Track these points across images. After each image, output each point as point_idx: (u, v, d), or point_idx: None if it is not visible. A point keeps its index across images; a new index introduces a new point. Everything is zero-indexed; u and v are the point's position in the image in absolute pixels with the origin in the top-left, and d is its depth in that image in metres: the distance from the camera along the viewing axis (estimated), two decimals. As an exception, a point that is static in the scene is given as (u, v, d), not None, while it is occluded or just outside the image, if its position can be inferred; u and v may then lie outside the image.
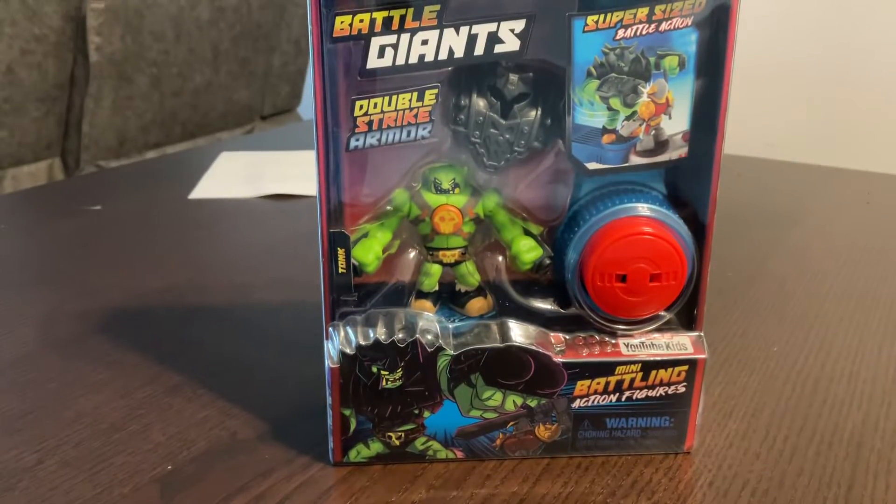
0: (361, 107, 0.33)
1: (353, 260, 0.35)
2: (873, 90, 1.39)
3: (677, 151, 0.34)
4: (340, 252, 0.35)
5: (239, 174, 0.82)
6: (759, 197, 0.77)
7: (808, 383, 0.44)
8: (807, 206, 0.74)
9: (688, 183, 0.35)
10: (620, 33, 0.32)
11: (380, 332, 0.35)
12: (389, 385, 0.35)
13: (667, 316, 0.36)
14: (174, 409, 0.41)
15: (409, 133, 0.33)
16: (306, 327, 0.46)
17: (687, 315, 0.37)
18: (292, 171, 0.80)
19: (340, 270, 0.35)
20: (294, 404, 0.41)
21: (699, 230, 0.35)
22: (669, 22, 0.32)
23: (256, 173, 0.81)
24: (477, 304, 0.37)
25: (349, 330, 0.35)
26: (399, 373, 0.35)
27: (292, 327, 0.49)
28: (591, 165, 0.34)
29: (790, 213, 0.72)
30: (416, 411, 0.36)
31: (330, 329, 0.36)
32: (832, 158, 0.97)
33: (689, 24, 0.32)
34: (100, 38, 1.69)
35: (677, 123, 0.34)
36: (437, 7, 0.31)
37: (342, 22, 0.31)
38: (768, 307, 0.53)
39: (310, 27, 0.31)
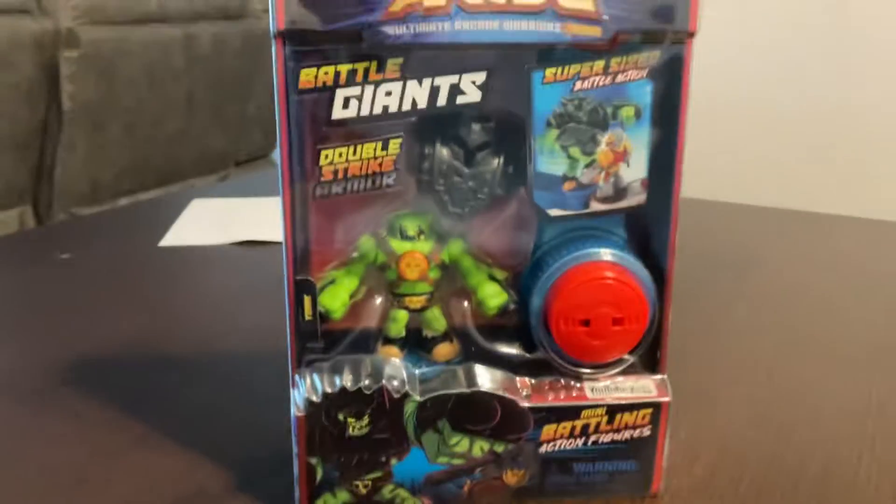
0: (327, 156, 0.33)
1: (319, 307, 0.35)
2: (833, 128, 1.42)
3: (636, 198, 0.35)
4: (307, 299, 0.35)
5: (210, 221, 0.82)
6: (717, 241, 0.78)
7: (772, 426, 0.44)
8: (769, 250, 0.76)
9: (647, 228, 0.36)
10: (578, 85, 0.33)
11: (346, 380, 0.35)
12: (356, 433, 0.35)
13: (631, 359, 0.37)
14: (139, 462, 0.40)
15: (374, 182, 0.34)
16: (274, 376, 0.46)
17: (650, 358, 0.37)
18: (263, 218, 0.81)
19: (307, 318, 0.35)
20: (261, 456, 0.40)
21: (660, 274, 0.36)
22: (625, 74, 0.33)
23: (227, 220, 0.81)
24: (444, 350, 0.37)
25: (315, 377, 0.35)
26: (366, 420, 0.35)
27: (260, 376, 0.49)
28: (553, 212, 0.35)
29: (749, 257, 0.73)
30: (384, 459, 0.36)
31: (296, 377, 0.36)
32: (789, 201, 0.99)
33: (644, 75, 0.34)
34: (73, 87, 1.69)
35: (635, 171, 0.35)
36: (401, 60, 0.32)
37: (307, 74, 0.32)
38: (732, 348, 0.54)
39: (275, 79, 0.32)
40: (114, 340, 0.54)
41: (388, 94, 0.33)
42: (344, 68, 0.32)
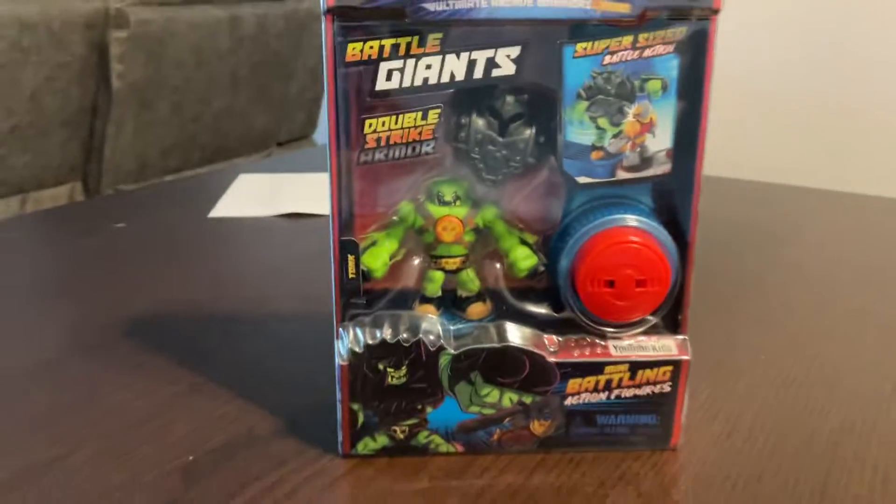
0: (371, 125, 0.36)
1: (362, 266, 0.38)
2: (863, 111, 1.41)
3: (661, 167, 0.37)
4: (350, 258, 0.38)
5: (256, 195, 0.85)
6: (756, 217, 0.79)
7: (791, 388, 0.46)
8: (802, 227, 0.77)
9: (672, 197, 0.38)
10: (607, 59, 0.36)
11: (386, 333, 0.38)
12: (395, 382, 0.38)
13: (653, 320, 0.39)
14: (195, 406, 0.44)
15: (414, 149, 0.37)
16: (318, 334, 0.49)
17: (672, 320, 0.39)
18: (308, 192, 0.84)
19: (350, 276, 0.38)
20: (307, 403, 0.44)
21: (683, 241, 0.38)
22: (652, 49, 0.35)
23: (273, 194, 0.85)
24: (477, 309, 0.40)
25: (358, 330, 0.38)
26: (404, 370, 0.38)
27: (305, 333, 0.52)
28: (582, 179, 0.37)
29: (786, 233, 0.74)
30: (420, 407, 0.39)
31: (340, 329, 0.39)
32: (826, 182, 0.99)
33: (671, 50, 0.36)
34: (122, 66, 1.75)
35: (661, 142, 0.37)
36: (440, 35, 0.35)
37: (354, 48, 0.35)
38: (759, 318, 0.56)
39: (324, 53, 0.35)
40: (167, 301, 0.58)
41: (429, 67, 0.35)
42: (387, 42, 0.35)
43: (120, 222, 0.77)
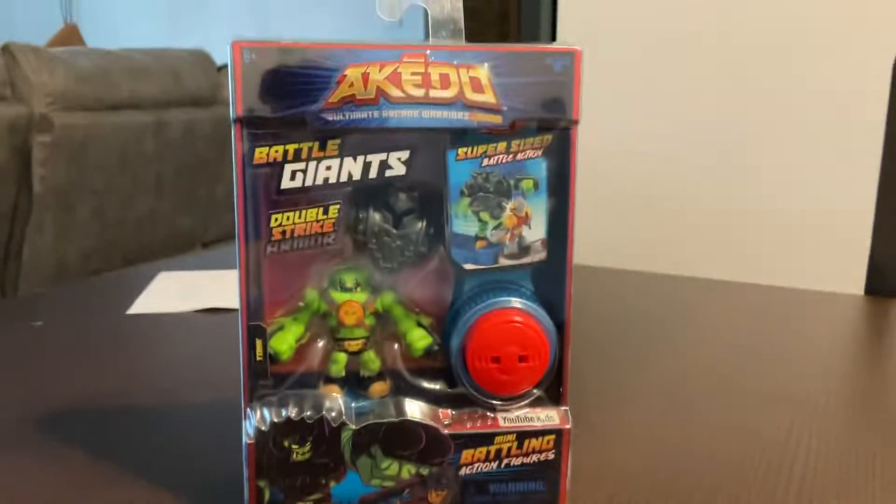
0: (277, 219, 0.40)
1: (269, 349, 0.41)
2: (743, 203, 1.53)
3: (538, 255, 0.42)
4: (258, 342, 0.41)
5: (175, 291, 0.87)
6: (646, 305, 0.86)
7: (670, 458, 0.50)
8: (688, 313, 0.83)
9: (548, 281, 0.43)
10: (486, 161, 0.41)
11: (291, 411, 0.41)
12: (299, 458, 0.41)
13: (537, 393, 0.43)
14: (106, 496, 0.45)
15: (317, 241, 0.41)
16: (228, 418, 0.51)
17: (555, 392, 0.43)
18: (226, 287, 0.86)
19: (258, 358, 0.41)
20: (215, 484, 0.45)
21: (560, 320, 0.43)
22: (524, 153, 0.41)
23: (192, 290, 0.87)
24: (379, 387, 0.43)
25: (264, 410, 0.41)
26: (308, 447, 0.41)
27: (215, 419, 0.54)
28: (468, 266, 0.42)
29: (674, 319, 0.80)
30: (324, 482, 0.41)
31: (248, 410, 0.41)
32: (711, 271, 1.07)
33: (540, 154, 0.41)
34: (44, 170, 1.75)
35: (536, 233, 0.42)
36: (339, 140, 0.40)
37: (261, 152, 0.39)
38: (646, 395, 0.60)
39: (234, 155, 0.39)
40: (84, 395, 0.59)
41: (328, 168, 0.40)
42: (291, 147, 0.39)
43: (37, 321, 0.78)
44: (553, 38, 1.68)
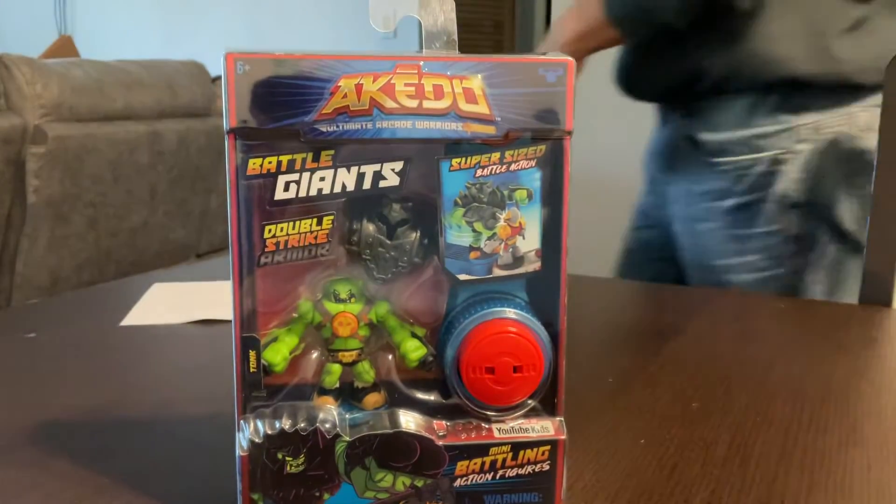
0: (270, 230, 0.40)
1: (263, 361, 0.41)
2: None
3: (532, 265, 0.42)
4: (252, 354, 0.41)
5: (169, 303, 0.87)
6: (642, 315, 0.86)
7: (665, 469, 0.50)
8: (683, 323, 0.83)
9: (542, 291, 0.43)
10: (479, 172, 0.41)
11: (285, 423, 0.40)
12: (293, 470, 0.41)
13: (532, 403, 0.43)
14: (98, 507, 0.45)
15: (310, 252, 0.41)
16: (222, 431, 0.51)
17: (550, 403, 0.43)
18: (220, 299, 0.86)
19: (251, 370, 0.41)
20: (209, 497, 0.45)
21: (554, 330, 0.43)
22: (517, 163, 0.41)
23: (186, 301, 0.87)
24: (373, 399, 0.43)
25: (258, 422, 0.41)
26: (302, 458, 0.40)
27: (209, 431, 0.53)
28: (462, 277, 0.42)
29: (669, 329, 0.80)
30: (318, 494, 0.41)
31: (241, 422, 0.41)
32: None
33: (534, 165, 0.41)
34: (38, 181, 1.75)
35: (530, 243, 0.42)
36: (332, 152, 0.40)
37: (254, 163, 0.39)
38: (640, 406, 0.60)
39: (227, 167, 0.39)
40: (77, 407, 0.59)
41: (322, 179, 0.40)
42: (285, 158, 0.39)
43: (31, 332, 0.77)
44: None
